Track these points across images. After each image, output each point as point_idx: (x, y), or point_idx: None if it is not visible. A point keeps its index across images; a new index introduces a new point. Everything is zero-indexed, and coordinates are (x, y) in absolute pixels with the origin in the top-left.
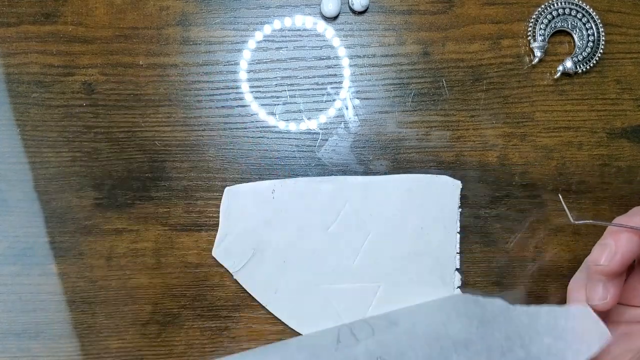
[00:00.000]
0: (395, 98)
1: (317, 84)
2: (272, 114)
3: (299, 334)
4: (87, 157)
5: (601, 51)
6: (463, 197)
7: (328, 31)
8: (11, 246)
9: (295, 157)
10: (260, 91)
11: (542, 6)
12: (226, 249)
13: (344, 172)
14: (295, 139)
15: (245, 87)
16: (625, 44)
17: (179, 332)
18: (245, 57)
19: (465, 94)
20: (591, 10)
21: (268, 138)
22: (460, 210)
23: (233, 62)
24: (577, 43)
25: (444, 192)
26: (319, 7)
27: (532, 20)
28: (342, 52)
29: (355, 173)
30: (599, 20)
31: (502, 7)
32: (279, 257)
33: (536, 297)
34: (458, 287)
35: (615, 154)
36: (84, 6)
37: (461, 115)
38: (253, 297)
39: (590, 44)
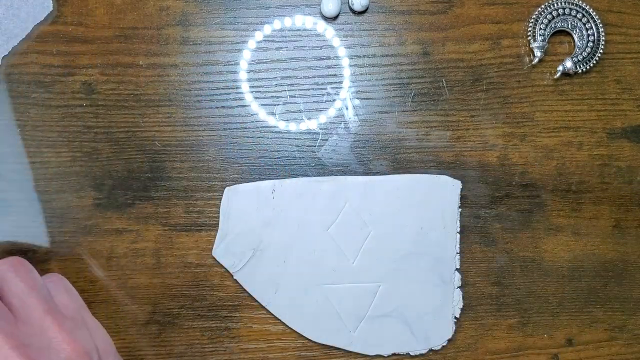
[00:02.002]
0: (395, 98)
1: (317, 84)
2: (272, 114)
3: (299, 334)
4: (87, 157)
5: (601, 51)
6: (463, 197)
7: (328, 31)
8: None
9: (295, 157)
10: (260, 91)
11: (542, 6)
12: (226, 249)
13: (344, 172)
14: (295, 139)
15: (245, 87)
16: (625, 44)
17: (179, 332)
18: (245, 57)
19: (465, 94)
20: (591, 10)
21: (268, 138)
22: (460, 210)
23: (233, 62)
24: (577, 43)
25: (444, 192)
26: (319, 7)
27: (532, 20)
28: (342, 52)
29: (355, 173)
30: (599, 20)
31: (502, 7)
32: (279, 257)
33: (536, 297)
34: (458, 287)
35: (615, 154)
36: (84, 6)
37: (461, 115)
38: (253, 297)
39: (590, 44)
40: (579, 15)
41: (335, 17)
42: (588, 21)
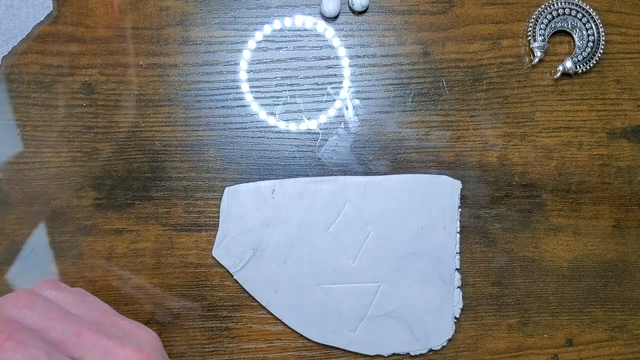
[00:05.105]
0: (395, 98)
1: (317, 84)
2: (272, 114)
3: (299, 334)
4: (87, 157)
5: (601, 51)
6: (463, 197)
7: (328, 31)
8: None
9: (295, 157)
10: (260, 91)
11: (542, 6)
12: (226, 249)
13: (344, 172)
14: (295, 139)
15: (245, 87)
16: (625, 44)
17: (179, 332)
18: (245, 57)
19: (465, 94)
20: (591, 10)
21: (268, 138)
22: (460, 210)
23: (233, 62)
24: (577, 43)
25: (444, 192)
26: (319, 7)
27: (532, 20)
28: (342, 52)
29: (355, 173)
30: (599, 20)
31: (502, 7)
32: (279, 257)
33: (536, 297)
34: (458, 287)
35: (615, 154)
36: (84, 6)
37: (461, 115)
38: (253, 297)
39: (590, 44)
40: (579, 15)
41: (335, 17)
42: (588, 21)
